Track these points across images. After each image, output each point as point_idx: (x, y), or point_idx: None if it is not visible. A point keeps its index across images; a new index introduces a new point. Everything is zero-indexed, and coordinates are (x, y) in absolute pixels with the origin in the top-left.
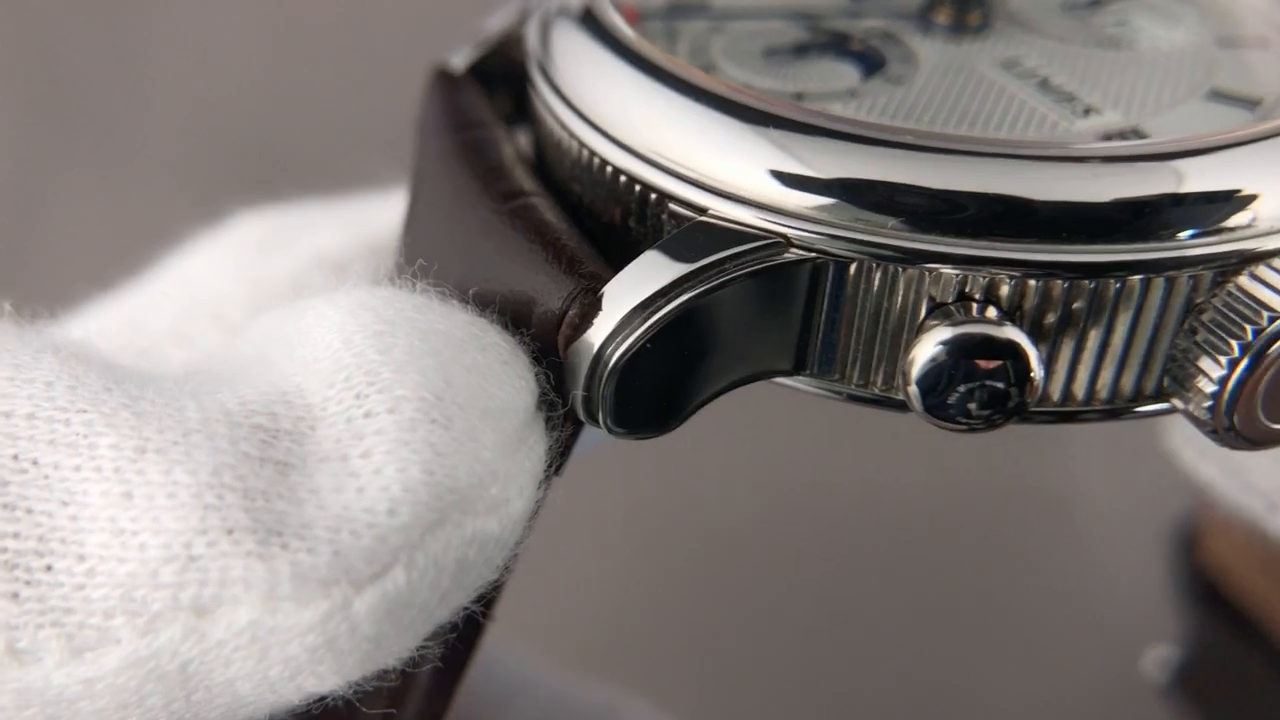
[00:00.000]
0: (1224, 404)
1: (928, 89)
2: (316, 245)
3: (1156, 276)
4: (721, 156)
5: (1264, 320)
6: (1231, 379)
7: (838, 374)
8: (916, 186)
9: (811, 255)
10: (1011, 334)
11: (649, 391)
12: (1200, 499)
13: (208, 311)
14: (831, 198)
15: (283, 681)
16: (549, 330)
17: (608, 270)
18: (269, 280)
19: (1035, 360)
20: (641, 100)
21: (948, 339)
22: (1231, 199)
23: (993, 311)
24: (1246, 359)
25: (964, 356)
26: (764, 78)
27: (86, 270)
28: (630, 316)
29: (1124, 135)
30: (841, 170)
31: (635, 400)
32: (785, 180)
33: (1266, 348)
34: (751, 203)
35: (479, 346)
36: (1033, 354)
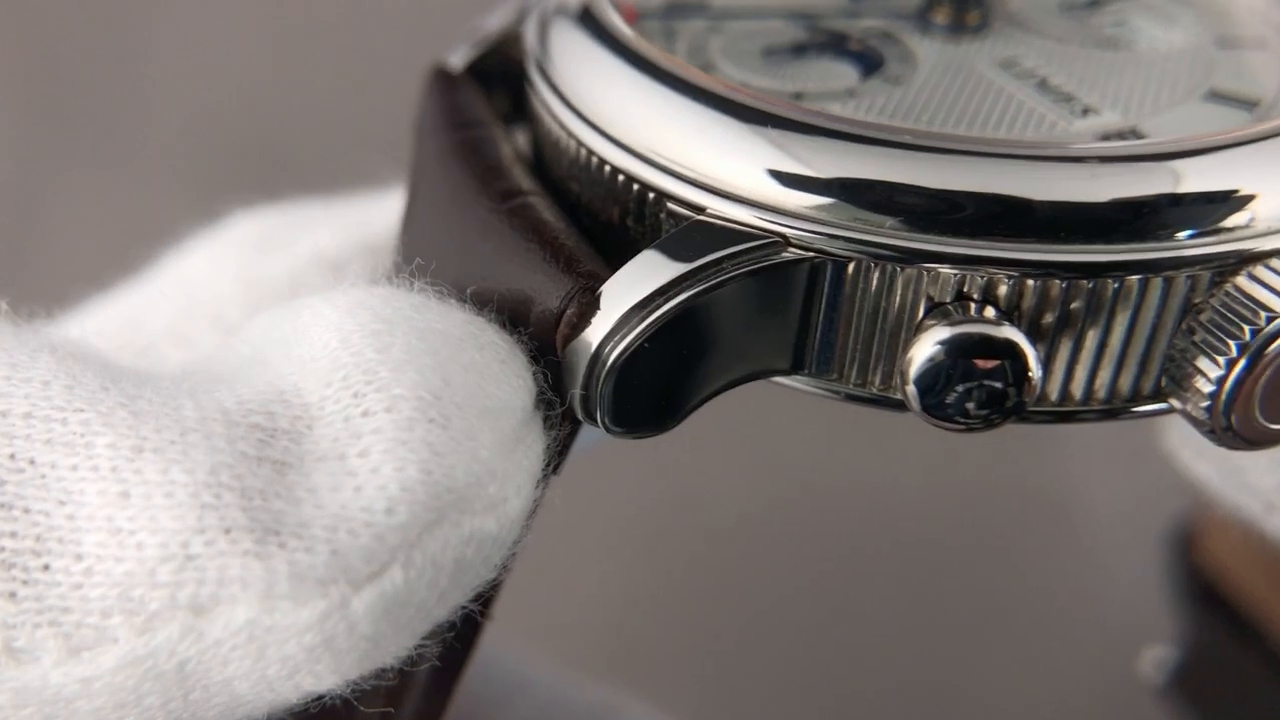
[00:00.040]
0: (1222, 404)
1: (926, 89)
2: (314, 244)
3: (1154, 276)
4: (720, 156)
5: (1262, 320)
6: (1229, 379)
7: (836, 373)
8: (915, 186)
9: (809, 255)
10: (1009, 334)
11: (647, 390)
12: (1198, 499)
13: (205, 311)
14: (830, 197)
15: (280, 680)
16: (547, 329)
17: (606, 269)
18: (267, 280)
19: (1033, 360)
20: (640, 99)
21: (946, 338)
22: (1229, 199)
23: (991, 311)
24: (1244, 359)
25: (962, 356)
26: (762, 77)
27: (85, 269)
28: (628, 315)
29: (1122, 135)
30: (840, 170)
31: (633, 399)
32: (783, 180)
33: (1264, 348)
34: (750, 202)
35: (477, 345)
36: (1031, 354)
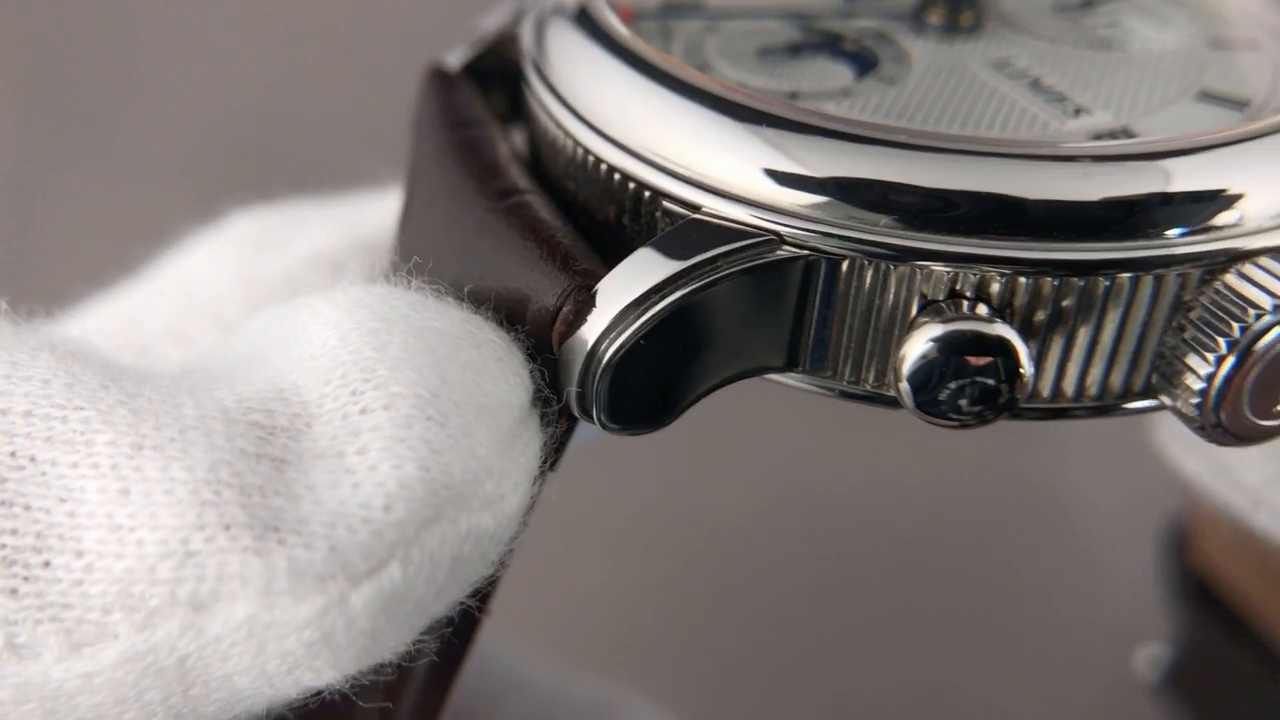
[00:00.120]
0: (1211, 400)
1: (920, 89)
2: (312, 244)
3: (1145, 274)
4: (715, 155)
5: (1251, 318)
6: (1219, 376)
7: (830, 370)
8: (908, 185)
9: (804, 253)
10: (1002, 331)
11: (642, 387)
12: (1189, 497)
13: (204, 310)
14: (824, 196)
15: (280, 676)
16: (543, 327)
17: (602, 267)
18: (265, 279)
19: (1025, 357)
20: (636, 99)
21: (939, 336)
22: (1218, 198)
23: (983, 309)
24: (1234, 356)
25: (955, 353)
26: (758, 77)
27: (84, 269)
28: (624, 313)
29: (1114, 135)
30: (834, 169)
31: (629, 396)
32: (778, 178)
33: (1253, 345)
34: (745, 200)
35: (474, 343)
36: (1023, 351)
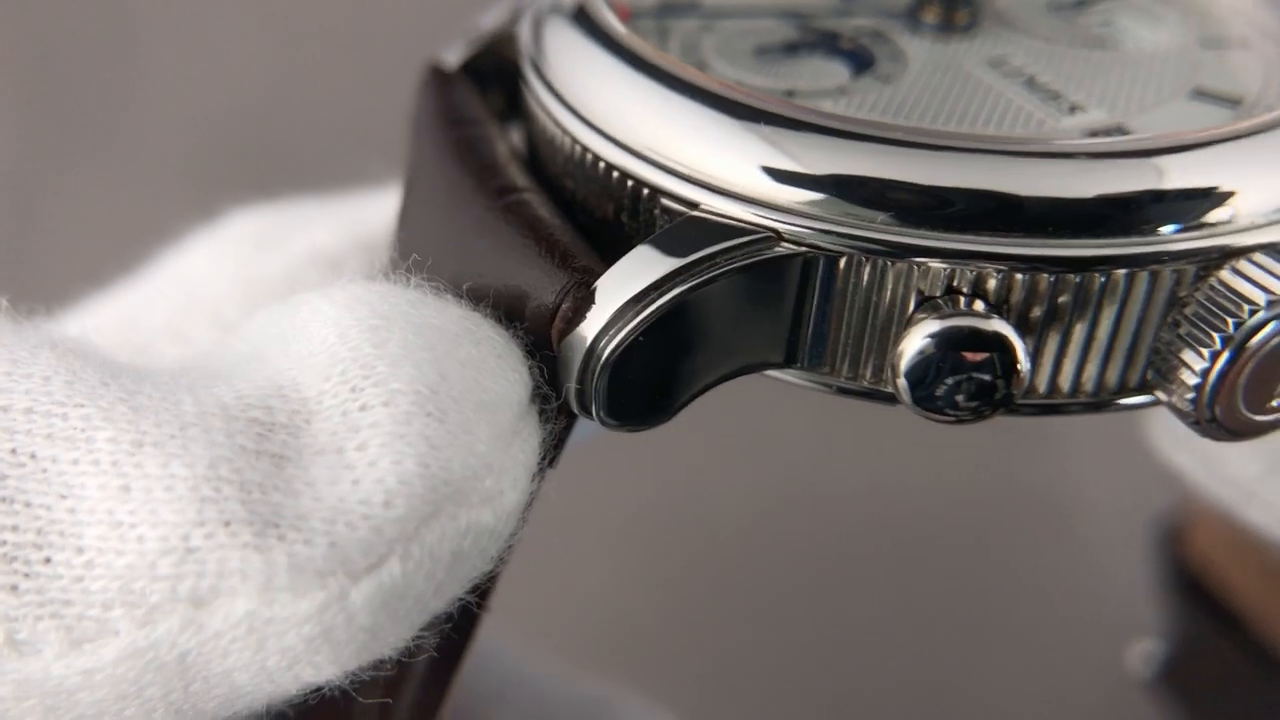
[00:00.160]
0: (1206, 396)
1: (916, 87)
2: (311, 242)
3: (1140, 271)
4: (714, 152)
5: (1245, 314)
6: (1213, 371)
7: (827, 367)
8: (906, 182)
9: (802, 249)
10: (998, 327)
11: (641, 384)
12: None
13: (203, 309)
14: (822, 193)
15: (280, 671)
16: (542, 324)
17: (600, 264)
18: (263, 277)
19: (1022, 353)
20: (636, 97)
21: (936, 332)
22: (1213, 195)
23: (980, 305)
24: (1228, 351)
25: (952, 349)
26: (755, 75)
27: (84, 269)
28: (623, 310)
29: (1109, 133)
30: (832, 166)
31: (628, 393)
32: (776, 176)
33: (1247, 340)
34: (743, 198)
35: (473, 340)
36: (1019, 346)
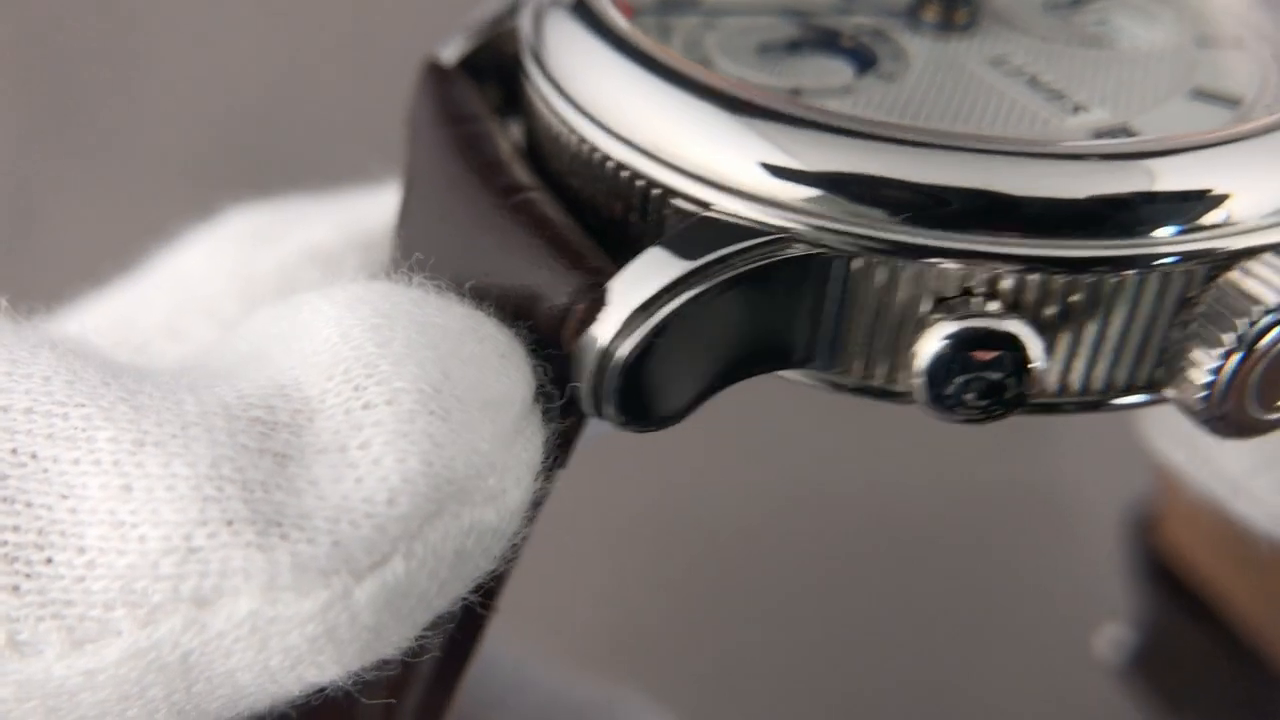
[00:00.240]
0: (1217, 395)
1: (921, 86)
2: (309, 240)
3: (1151, 271)
4: (726, 152)
5: (1255, 314)
6: (1225, 370)
7: (842, 367)
8: (922, 184)
9: (815, 251)
10: (1013, 327)
11: (655, 385)
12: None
13: (201, 306)
14: (836, 194)
15: (283, 671)
16: (553, 325)
17: (611, 265)
18: (261, 275)
19: (1037, 352)
20: (648, 96)
21: (951, 333)
22: (1224, 196)
23: (995, 305)
24: (1240, 351)
25: (967, 349)
26: (760, 74)
27: (84, 268)
28: (637, 312)
29: (1114, 133)
30: (845, 166)
31: (641, 394)
32: (790, 176)
33: (1257, 340)
34: (756, 199)
35: (476, 339)
36: (1034, 346)
